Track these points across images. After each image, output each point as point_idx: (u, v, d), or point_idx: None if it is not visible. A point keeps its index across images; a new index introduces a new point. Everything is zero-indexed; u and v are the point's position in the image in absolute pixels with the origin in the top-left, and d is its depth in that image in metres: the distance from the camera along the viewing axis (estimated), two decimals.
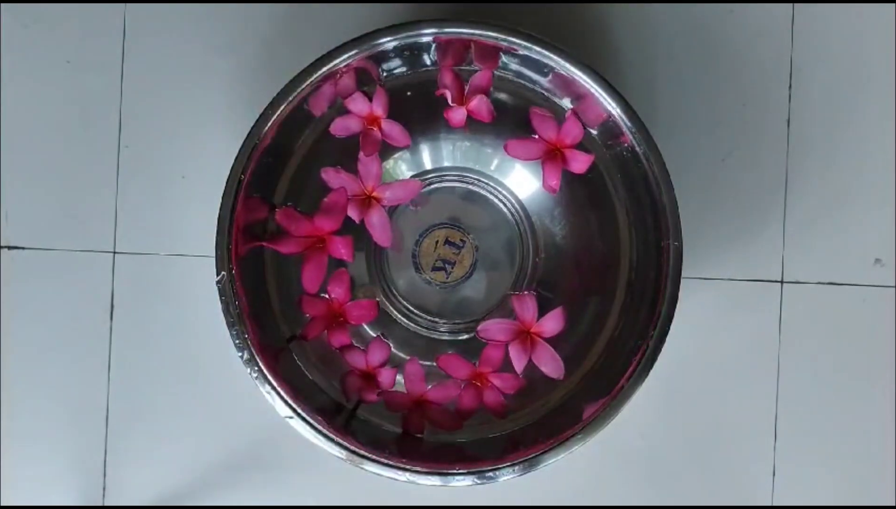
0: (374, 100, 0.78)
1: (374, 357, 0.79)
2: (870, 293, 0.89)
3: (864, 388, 0.89)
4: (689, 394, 0.89)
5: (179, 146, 0.89)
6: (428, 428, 0.79)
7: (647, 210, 0.77)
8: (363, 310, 0.79)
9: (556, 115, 0.78)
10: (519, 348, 0.78)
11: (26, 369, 0.89)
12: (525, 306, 0.78)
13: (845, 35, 0.89)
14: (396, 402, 0.79)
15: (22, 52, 0.89)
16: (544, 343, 0.78)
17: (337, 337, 0.79)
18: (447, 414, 0.79)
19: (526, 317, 0.78)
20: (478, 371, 0.78)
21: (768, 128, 0.89)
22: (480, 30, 0.74)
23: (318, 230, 0.78)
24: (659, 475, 0.89)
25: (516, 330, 0.78)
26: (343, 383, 0.79)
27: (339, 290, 0.79)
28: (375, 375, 0.79)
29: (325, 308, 0.79)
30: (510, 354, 0.78)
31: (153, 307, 0.89)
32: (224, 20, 0.88)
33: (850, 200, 0.89)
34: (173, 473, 0.89)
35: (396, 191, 0.80)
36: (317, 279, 0.78)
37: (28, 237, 0.89)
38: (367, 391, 0.79)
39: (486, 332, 0.78)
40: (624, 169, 0.79)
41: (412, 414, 0.79)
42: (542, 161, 0.79)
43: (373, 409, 0.80)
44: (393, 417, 0.79)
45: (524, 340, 0.78)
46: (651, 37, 0.89)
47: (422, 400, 0.79)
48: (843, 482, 0.89)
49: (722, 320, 0.89)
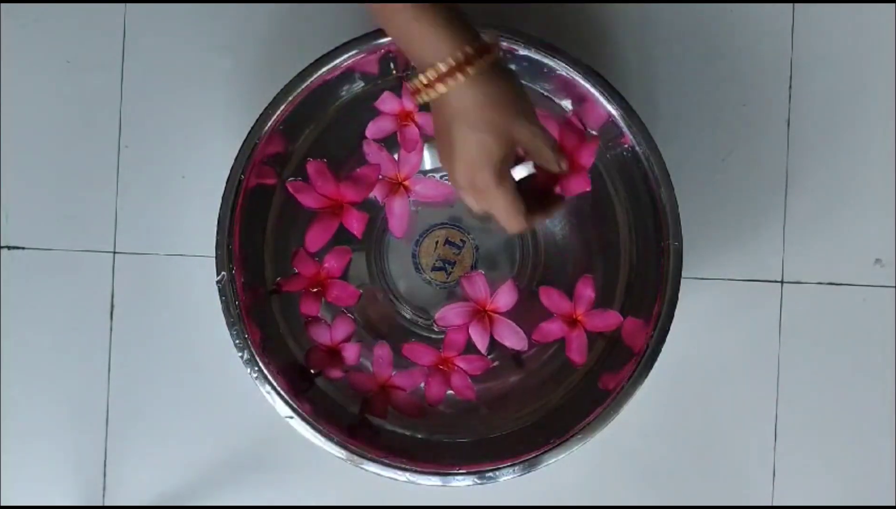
0: (402, 96, 0.78)
1: (339, 332, 0.79)
2: (870, 293, 0.89)
3: (864, 388, 0.89)
4: (689, 394, 0.89)
5: (179, 146, 0.89)
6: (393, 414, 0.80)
7: (647, 210, 0.77)
8: (344, 292, 0.80)
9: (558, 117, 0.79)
10: (478, 328, 0.79)
11: (26, 369, 0.89)
12: (475, 285, 0.79)
13: (845, 35, 0.89)
14: (360, 384, 0.79)
15: (22, 52, 0.89)
16: (502, 318, 0.79)
17: (308, 305, 0.79)
18: (412, 400, 0.80)
19: (478, 296, 0.79)
20: (443, 356, 0.79)
21: (768, 129, 0.89)
22: (480, 30, 0.74)
23: (340, 196, 0.78)
24: (659, 475, 0.89)
25: (472, 310, 0.79)
26: (307, 358, 0.79)
27: (334, 263, 0.79)
28: (340, 351, 0.79)
29: (313, 271, 0.79)
30: (471, 335, 0.79)
31: (153, 307, 0.89)
32: (224, 20, 0.88)
33: (850, 200, 0.89)
34: (173, 473, 0.89)
35: (428, 188, 0.80)
36: (320, 240, 0.78)
37: (28, 237, 0.89)
38: (331, 366, 0.79)
39: (443, 320, 0.79)
40: (624, 169, 0.79)
41: (376, 398, 0.79)
42: None
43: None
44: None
45: (482, 319, 0.79)
46: (651, 37, 0.89)
47: (387, 384, 0.79)
48: (843, 482, 0.89)
49: (722, 320, 0.89)
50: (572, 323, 0.79)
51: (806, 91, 0.89)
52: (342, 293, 0.79)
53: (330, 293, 0.79)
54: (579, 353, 0.79)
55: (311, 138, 0.81)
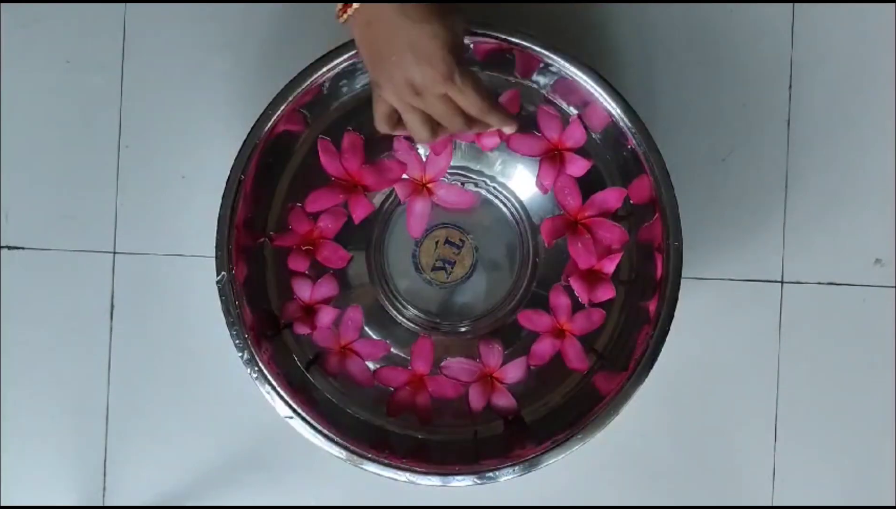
0: None
1: (320, 292, 0.80)
2: (870, 293, 0.89)
3: (864, 388, 0.89)
4: (689, 394, 0.89)
5: (179, 146, 0.89)
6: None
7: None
8: (335, 253, 0.80)
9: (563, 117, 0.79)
10: (479, 390, 0.80)
11: (26, 369, 0.89)
12: (491, 352, 0.80)
13: (845, 35, 0.89)
14: (323, 340, 0.80)
15: (22, 52, 0.89)
16: (503, 388, 0.80)
17: (297, 261, 0.80)
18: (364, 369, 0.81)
19: (490, 363, 0.80)
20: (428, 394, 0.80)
21: (768, 129, 0.89)
22: (480, 30, 0.74)
23: (356, 176, 0.78)
24: (659, 475, 0.89)
25: (479, 372, 0.80)
26: (282, 307, 0.80)
27: (329, 224, 0.80)
28: (316, 310, 0.80)
29: (307, 228, 0.80)
30: (469, 394, 0.79)
31: (153, 307, 0.89)
32: (224, 20, 0.88)
33: (850, 200, 0.89)
34: (173, 473, 0.89)
35: (451, 194, 0.81)
36: (320, 204, 0.79)
37: (28, 237, 0.89)
38: (302, 322, 0.79)
39: (448, 370, 0.80)
40: (624, 169, 0.79)
41: (332, 356, 0.80)
42: (541, 159, 0.79)
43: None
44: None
45: (485, 383, 0.80)
46: (651, 37, 0.89)
47: (347, 346, 0.80)
48: (843, 482, 0.89)
49: (722, 320, 0.89)
50: (559, 334, 0.79)
51: (806, 91, 0.89)
52: (332, 254, 0.80)
53: (321, 253, 0.80)
54: (579, 361, 0.79)
55: (311, 138, 0.81)
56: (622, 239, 0.78)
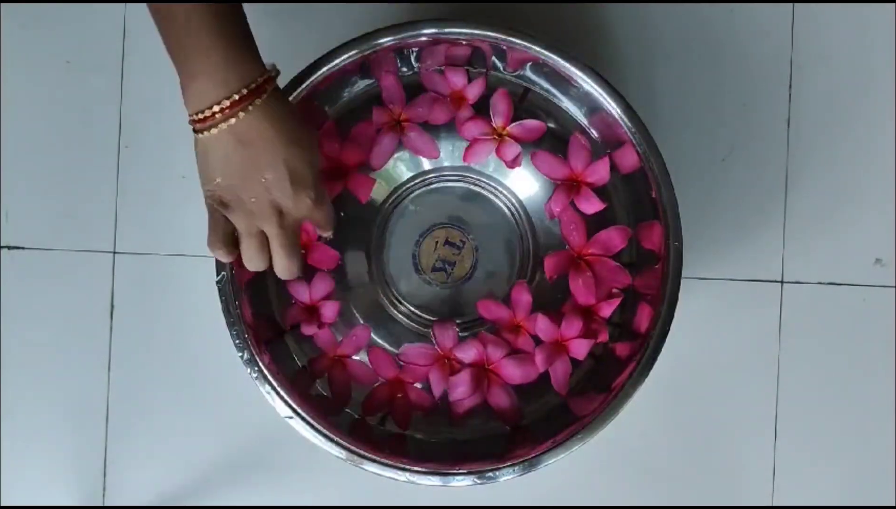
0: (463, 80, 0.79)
1: (317, 290, 0.80)
2: (870, 293, 0.89)
3: (864, 388, 0.89)
4: (689, 394, 0.89)
5: (179, 146, 0.89)
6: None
7: (647, 210, 0.77)
8: (324, 254, 0.80)
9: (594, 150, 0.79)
10: (438, 374, 0.79)
11: (26, 369, 0.89)
12: (445, 334, 0.80)
13: (845, 35, 0.89)
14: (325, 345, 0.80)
15: (22, 53, 0.89)
16: (464, 369, 0.79)
17: None
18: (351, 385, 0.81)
19: (445, 345, 0.80)
20: (399, 376, 0.80)
21: (768, 128, 0.89)
22: (480, 30, 0.74)
23: (346, 158, 0.78)
24: (659, 475, 0.89)
25: (435, 355, 0.80)
26: (283, 316, 0.80)
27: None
28: (318, 308, 0.80)
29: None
30: (430, 377, 0.79)
31: (153, 307, 0.89)
32: None
33: (850, 200, 0.89)
34: (173, 473, 0.89)
35: (419, 140, 0.80)
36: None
37: (28, 237, 0.89)
38: (307, 323, 0.79)
39: (406, 356, 0.80)
40: (638, 216, 0.79)
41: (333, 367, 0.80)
42: (557, 185, 0.79)
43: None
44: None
45: (443, 366, 0.80)
46: (651, 37, 0.89)
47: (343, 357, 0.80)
48: (843, 482, 0.89)
49: (722, 320, 0.89)
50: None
51: (806, 91, 0.89)
52: (323, 256, 0.80)
53: (311, 256, 0.80)
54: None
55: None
56: (623, 281, 0.78)
